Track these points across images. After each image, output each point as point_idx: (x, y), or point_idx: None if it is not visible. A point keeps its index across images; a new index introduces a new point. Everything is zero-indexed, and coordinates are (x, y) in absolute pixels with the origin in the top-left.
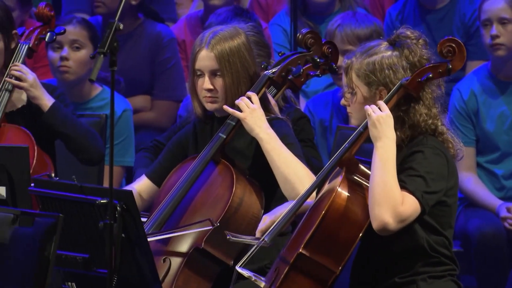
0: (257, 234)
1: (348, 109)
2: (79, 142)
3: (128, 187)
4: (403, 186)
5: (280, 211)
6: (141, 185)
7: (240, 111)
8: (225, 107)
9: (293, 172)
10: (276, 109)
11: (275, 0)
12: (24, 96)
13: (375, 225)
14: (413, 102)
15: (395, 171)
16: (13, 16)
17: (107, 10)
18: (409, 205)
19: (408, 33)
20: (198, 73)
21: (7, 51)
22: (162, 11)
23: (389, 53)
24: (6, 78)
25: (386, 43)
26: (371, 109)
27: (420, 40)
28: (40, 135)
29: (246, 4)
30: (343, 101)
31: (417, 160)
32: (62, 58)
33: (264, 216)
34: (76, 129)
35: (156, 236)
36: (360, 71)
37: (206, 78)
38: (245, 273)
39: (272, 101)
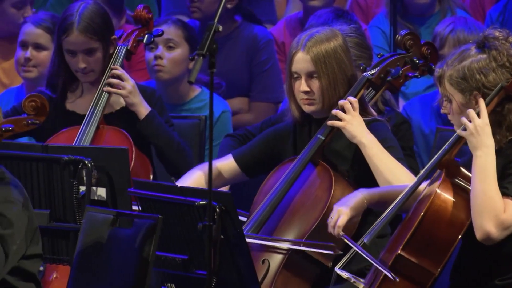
0: (336, 231)
1: (449, 117)
2: (169, 156)
3: (206, 164)
4: (505, 192)
5: (350, 201)
6: (225, 165)
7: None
8: (328, 122)
9: (395, 178)
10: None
11: (374, 1)
12: (122, 99)
13: (478, 235)
14: (507, 103)
15: (495, 179)
16: (112, 22)
17: (203, 15)
18: None
19: (496, 33)
20: (295, 75)
21: (105, 58)
22: (262, 13)
23: (477, 56)
24: (104, 88)
25: (474, 46)
26: (465, 119)
27: (510, 38)
28: (138, 136)
29: (344, 5)
30: (443, 110)
31: None
32: (156, 57)
33: (338, 210)
34: (168, 142)
35: (277, 242)
36: (452, 79)
37: (303, 81)
38: (344, 274)
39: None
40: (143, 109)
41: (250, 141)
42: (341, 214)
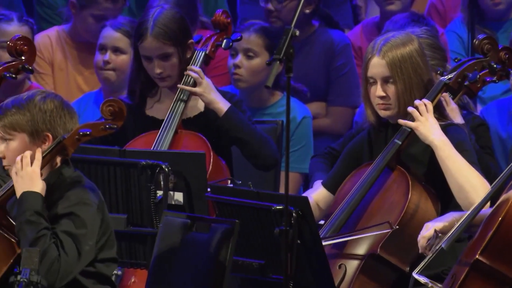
0: (421, 241)
1: None
2: (254, 148)
3: (307, 195)
4: None
5: (444, 220)
6: (318, 194)
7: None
8: (400, 120)
9: (467, 181)
10: (455, 113)
11: (452, 5)
12: (200, 104)
13: None
14: None
15: None
16: (188, 26)
17: (283, 24)
18: None
19: None
20: (371, 80)
21: (182, 63)
22: (338, 18)
23: None
24: (180, 85)
25: None
26: None
27: None
28: (216, 141)
29: (422, 8)
30: None
31: None
32: (235, 66)
33: (426, 224)
34: (251, 134)
35: (333, 239)
36: None
37: (378, 85)
38: (422, 279)
39: (453, 105)
40: (222, 105)
41: (334, 165)
42: (428, 228)
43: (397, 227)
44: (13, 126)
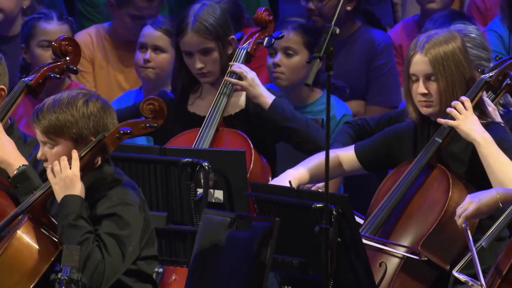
0: (460, 220)
1: None
2: (303, 134)
3: (332, 151)
4: None
5: (483, 195)
6: (346, 156)
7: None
8: (439, 119)
9: (508, 178)
10: (495, 113)
11: (493, 4)
12: (241, 101)
13: None
14: None
15: None
16: (229, 22)
17: (324, 23)
18: None
19: None
20: (413, 77)
21: (223, 59)
22: (380, 15)
23: None
24: (226, 77)
25: None
26: None
27: None
28: (258, 139)
29: (463, 6)
30: None
31: None
32: (275, 64)
33: (469, 201)
34: (298, 121)
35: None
36: None
37: (421, 83)
38: (462, 277)
39: (492, 106)
40: (267, 99)
41: (373, 136)
42: (470, 206)
43: (419, 255)
44: (56, 132)
